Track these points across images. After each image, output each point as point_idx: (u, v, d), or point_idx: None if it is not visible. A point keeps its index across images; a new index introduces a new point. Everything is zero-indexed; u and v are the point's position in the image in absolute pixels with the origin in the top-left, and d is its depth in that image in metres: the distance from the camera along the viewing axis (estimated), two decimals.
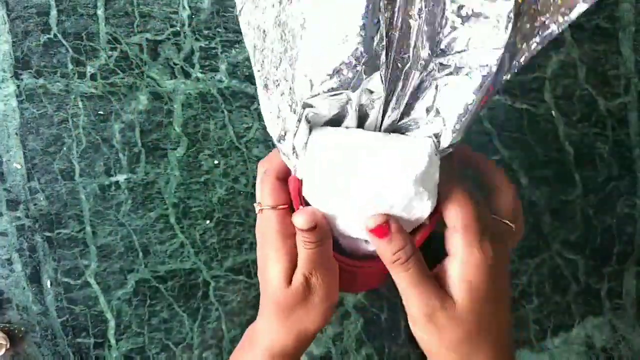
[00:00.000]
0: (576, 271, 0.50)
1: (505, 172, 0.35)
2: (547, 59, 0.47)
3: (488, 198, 0.35)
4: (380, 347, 0.48)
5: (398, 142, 0.30)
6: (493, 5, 0.27)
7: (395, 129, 0.31)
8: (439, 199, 0.31)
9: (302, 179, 0.33)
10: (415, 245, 0.31)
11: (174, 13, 0.43)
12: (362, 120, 0.31)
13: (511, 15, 0.27)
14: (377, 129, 0.31)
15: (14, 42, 0.42)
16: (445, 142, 0.30)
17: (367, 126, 0.31)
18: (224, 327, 0.46)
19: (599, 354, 0.51)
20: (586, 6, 0.28)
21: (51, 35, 0.43)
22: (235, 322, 0.46)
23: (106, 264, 0.44)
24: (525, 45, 0.29)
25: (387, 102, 0.30)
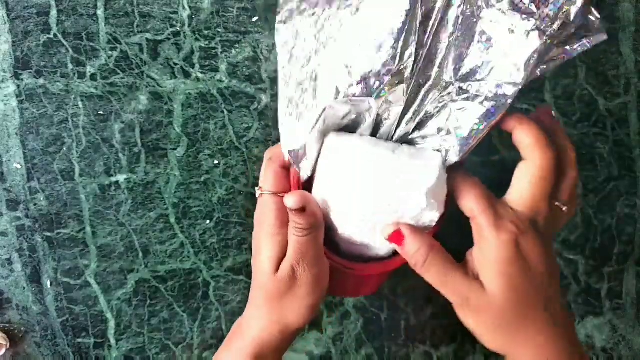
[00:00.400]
0: (576, 271, 0.50)
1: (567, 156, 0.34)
2: None
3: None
4: (380, 347, 0.48)
5: (410, 154, 0.31)
6: (519, 46, 0.28)
7: (406, 141, 0.33)
8: (455, 194, 0.32)
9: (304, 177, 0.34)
10: (433, 244, 0.32)
11: (174, 13, 0.43)
12: (377, 128, 0.32)
13: (534, 57, 0.28)
14: (389, 138, 0.32)
15: (14, 42, 0.42)
16: (452, 158, 0.31)
17: (380, 135, 0.32)
18: (224, 327, 0.46)
19: (599, 354, 0.51)
20: (586, 47, 0.29)
21: (51, 35, 0.43)
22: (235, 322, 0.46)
23: (106, 264, 0.44)
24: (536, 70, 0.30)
25: (403, 114, 0.31)
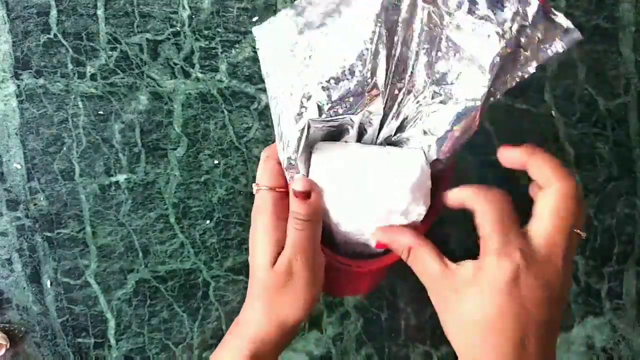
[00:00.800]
0: (576, 271, 0.50)
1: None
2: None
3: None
4: (380, 347, 0.48)
5: (394, 154, 0.34)
6: (482, 50, 0.30)
7: (390, 143, 0.35)
8: (474, 212, 0.32)
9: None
10: (419, 241, 0.33)
11: (174, 13, 0.43)
12: (361, 135, 0.35)
13: (496, 60, 0.30)
14: (373, 142, 0.35)
15: (14, 42, 0.42)
16: (432, 155, 0.33)
17: (365, 140, 0.35)
18: (223, 327, 0.46)
19: (599, 354, 0.51)
20: (561, 49, 0.31)
21: (51, 35, 0.43)
22: None
23: (106, 264, 0.44)
24: (509, 78, 0.31)
25: (383, 120, 0.33)
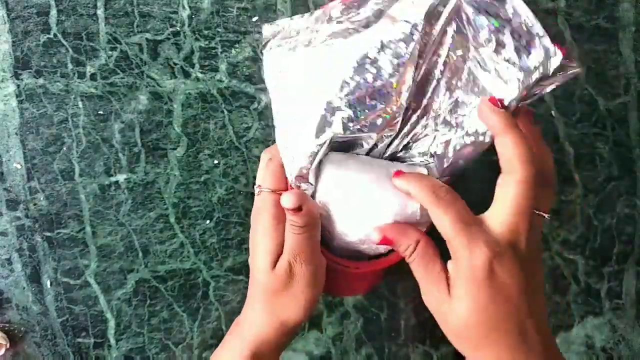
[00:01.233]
0: (576, 271, 0.50)
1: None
2: None
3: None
4: (380, 347, 0.48)
5: (401, 169, 0.35)
6: (500, 93, 0.31)
7: (395, 158, 0.37)
8: (431, 217, 0.34)
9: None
10: (426, 238, 0.34)
11: (173, 13, 0.43)
12: (370, 148, 0.36)
13: (512, 104, 0.31)
14: (381, 156, 0.36)
15: (14, 42, 0.42)
16: (433, 174, 0.35)
17: (373, 153, 0.36)
18: (223, 327, 0.46)
19: (599, 354, 0.51)
20: (561, 82, 0.33)
21: (51, 35, 0.43)
22: None
23: (106, 264, 0.44)
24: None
25: (394, 138, 0.35)
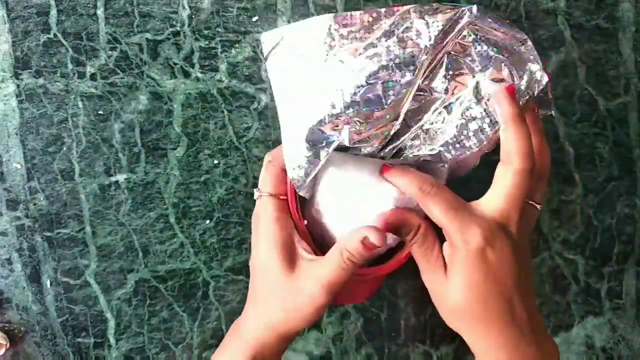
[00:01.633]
0: (576, 271, 0.50)
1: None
2: (547, 59, 0.47)
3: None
4: (380, 347, 0.48)
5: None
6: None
7: (388, 159, 0.39)
8: (424, 209, 0.36)
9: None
10: (427, 223, 0.36)
11: (173, 13, 0.43)
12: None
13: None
14: (374, 156, 0.38)
15: (14, 42, 0.42)
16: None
17: (371, 154, 0.38)
18: (223, 327, 0.46)
19: (599, 354, 0.51)
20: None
21: (51, 35, 0.43)
22: None
23: (106, 263, 0.44)
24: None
25: (386, 145, 0.38)
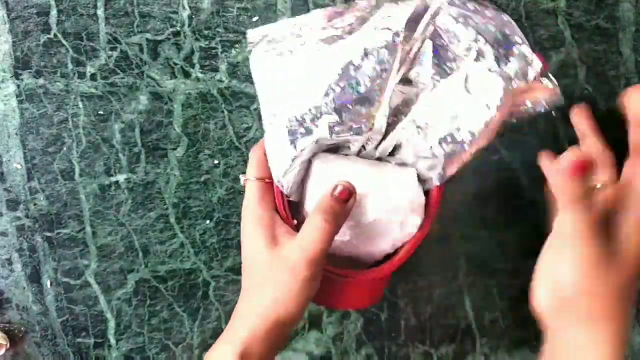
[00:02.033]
0: None
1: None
2: (547, 59, 0.47)
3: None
4: (380, 347, 0.48)
5: (390, 170, 0.37)
6: (483, 97, 0.37)
7: (384, 158, 0.39)
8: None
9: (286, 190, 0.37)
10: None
11: (174, 13, 0.43)
12: (359, 151, 0.38)
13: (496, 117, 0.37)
14: (371, 156, 0.38)
15: (14, 42, 0.42)
16: (422, 176, 0.38)
17: (363, 155, 0.38)
18: (224, 327, 0.46)
19: None
20: (542, 109, 0.38)
21: (51, 35, 0.43)
22: None
23: (106, 264, 0.44)
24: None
25: (381, 141, 0.37)
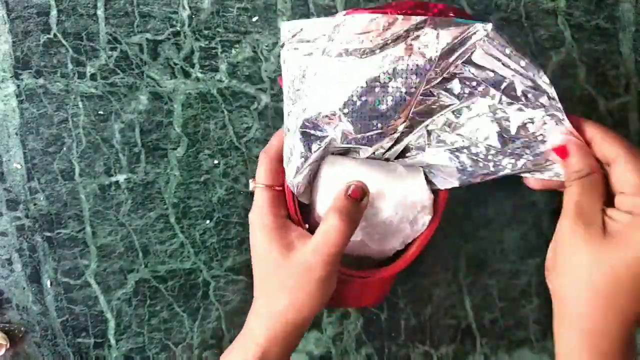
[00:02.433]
0: None
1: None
2: (547, 59, 0.47)
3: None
4: (380, 347, 0.48)
5: (399, 171, 0.38)
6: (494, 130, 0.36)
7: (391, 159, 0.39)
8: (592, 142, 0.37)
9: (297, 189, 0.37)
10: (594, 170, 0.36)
11: (174, 13, 0.43)
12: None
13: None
14: (379, 157, 0.38)
15: (14, 42, 0.42)
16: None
17: (371, 156, 0.38)
18: (223, 327, 0.46)
19: None
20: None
21: (51, 35, 0.43)
22: (235, 322, 0.46)
23: (106, 264, 0.44)
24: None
25: (392, 146, 0.38)
